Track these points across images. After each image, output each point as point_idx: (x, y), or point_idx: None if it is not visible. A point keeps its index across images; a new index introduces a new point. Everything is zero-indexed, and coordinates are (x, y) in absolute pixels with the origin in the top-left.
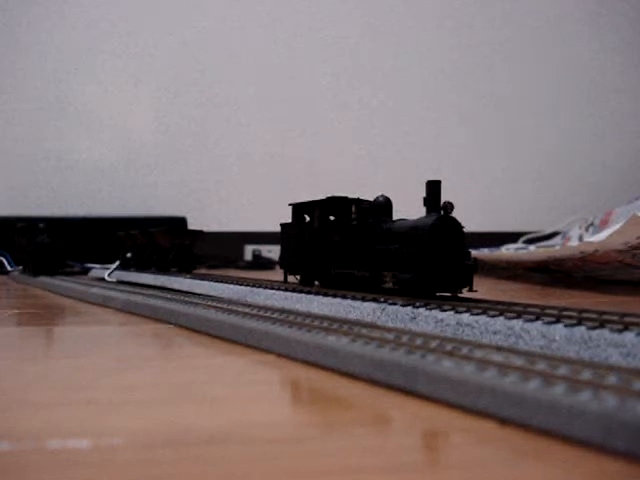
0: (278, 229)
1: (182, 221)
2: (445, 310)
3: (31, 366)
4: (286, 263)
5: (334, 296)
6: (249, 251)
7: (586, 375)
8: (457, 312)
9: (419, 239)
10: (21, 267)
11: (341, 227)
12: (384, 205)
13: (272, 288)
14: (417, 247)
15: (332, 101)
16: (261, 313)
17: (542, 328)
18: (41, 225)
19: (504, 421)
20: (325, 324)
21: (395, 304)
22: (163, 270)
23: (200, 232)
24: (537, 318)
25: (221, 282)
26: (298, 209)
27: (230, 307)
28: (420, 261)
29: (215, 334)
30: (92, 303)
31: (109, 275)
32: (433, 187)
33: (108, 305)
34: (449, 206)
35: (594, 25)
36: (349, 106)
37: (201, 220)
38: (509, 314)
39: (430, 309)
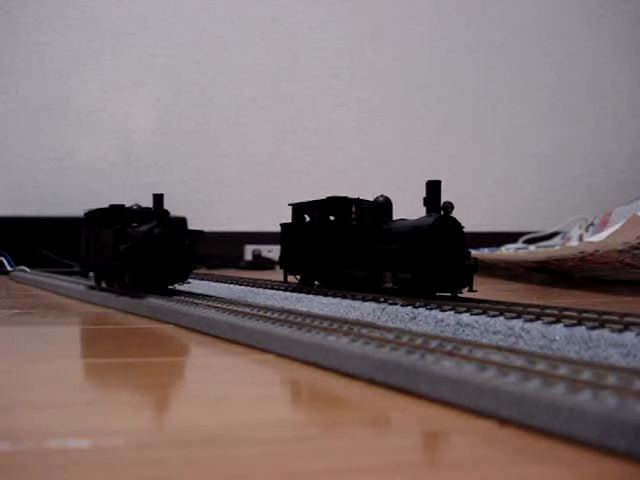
0: (278, 229)
1: (182, 221)
2: (445, 310)
3: (31, 366)
4: (286, 263)
5: (334, 296)
6: (249, 251)
7: (586, 375)
8: (457, 312)
9: (419, 239)
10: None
11: (341, 227)
12: (384, 205)
13: (272, 288)
14: (417, 247)
15: (332, 101)
16: (261, 313)
17: (542, 328)
18: (135, 206)
19: (504, 421)
20: (325, 324)
21: (395, 304)
22: None
23: (200, 232)
24: (537, 318)
25: (221, 282)
26: (298, 209)
27: (230, 307)
28: (420, 261)
29: (215, 334)
30: (92, 303)
31: None
32: (433, 187)
33: (108, 305)
34: (449, 206)
35: (594, 25)
36: (349, 106)
37: (201, 220)
38: (509, 314)
39: (430, 309)
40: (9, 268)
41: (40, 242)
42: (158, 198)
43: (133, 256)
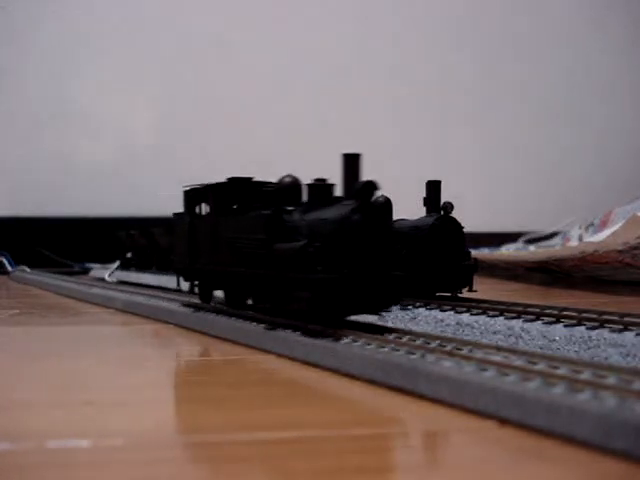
0: None
1: None
2: (445, 310)
3: (31, 366)
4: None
5: None
6: None
7: (586, 375)
8: (457, 312)
9: (419, 239)
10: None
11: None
12: (384, 205)
13: None
14: (417, 247)
15: (332, 101)
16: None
17: (542, 328)
18: (288, 178)
19: (504, 421)
20: None
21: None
22: (163, 270)
23: None
24: (537, 318)
25: None
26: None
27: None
28: (420, 261)
29: (215, 334)
30: (92, 303)
31: (109, 275)
32: (433, 187)
33: (108, 305)
34: (449, 206)
35: (596, 25)
36: (349, 106)
37: None
38: (509, 314)
39: (430, 309)
40: (9, 268)
41: (40, 242)
42: (352, 160)
43: (318, 262)
